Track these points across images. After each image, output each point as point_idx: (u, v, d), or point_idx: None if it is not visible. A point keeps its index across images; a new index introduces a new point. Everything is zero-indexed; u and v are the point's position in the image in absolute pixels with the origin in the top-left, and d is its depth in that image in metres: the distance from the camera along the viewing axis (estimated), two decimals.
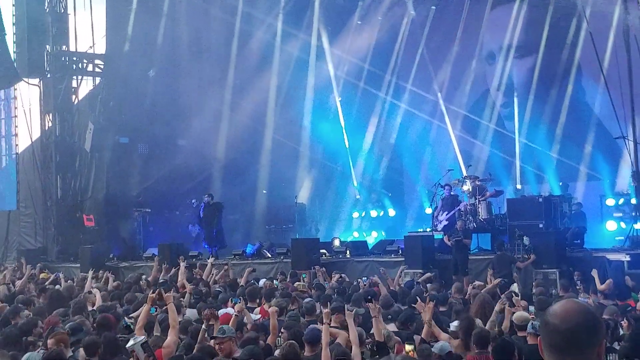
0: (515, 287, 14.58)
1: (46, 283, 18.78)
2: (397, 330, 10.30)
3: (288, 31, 29.44)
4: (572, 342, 3.22)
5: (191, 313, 12.39)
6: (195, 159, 28.29)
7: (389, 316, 10.98)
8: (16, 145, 29.58)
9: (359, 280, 17.49)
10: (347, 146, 30.27)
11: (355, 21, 29.70)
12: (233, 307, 11.98)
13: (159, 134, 28.54)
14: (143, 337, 7.28)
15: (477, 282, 15.92)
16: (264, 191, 29.23)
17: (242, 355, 8.26)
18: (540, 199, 21.68)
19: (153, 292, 10.86)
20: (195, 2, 28.97)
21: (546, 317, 3.32)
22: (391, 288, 15.98)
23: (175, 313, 9.95)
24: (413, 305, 11.08)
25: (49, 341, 8.93)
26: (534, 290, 14.39)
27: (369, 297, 10.72)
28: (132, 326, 9.53)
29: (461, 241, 19.64)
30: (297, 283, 16.62)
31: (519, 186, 26.62)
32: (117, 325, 10.79)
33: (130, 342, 7.05)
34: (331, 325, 10.33)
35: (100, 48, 28.96)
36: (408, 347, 7.11)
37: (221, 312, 11.65)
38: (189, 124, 28.43)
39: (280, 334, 10.04)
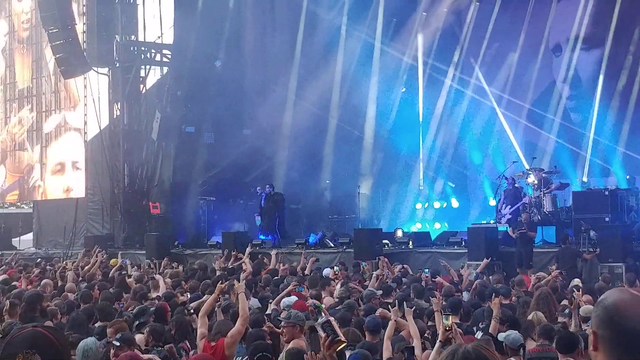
0: (577, 281, 14.47)
1: (112, 270, 19.18)
2: (459, 322, 10.34)
3: (354, 20, 29.46)
4: None
5: (254, 302, 12.49)
6: (259, 148, 28.52)
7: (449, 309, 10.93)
8: (85, 133, 30.11)
9: (421, 271, 17.50)
10: (412, 137, 30.17)
11: (421, 12, 29.59)
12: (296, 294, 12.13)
13: (225, 123, 28.84)
14: (326, 317, 7.34)
15: (540, 273, 15.84)
16: (327, 181, 29.33)
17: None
18: (607, 192, 21.41)
19: (222, 282, 11.00)
20: None
21: (610, 317, 3.06)
22: (455, 279, 16.02)
23: (246, 303, 10.02)
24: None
25: (108, 330, 9.12)
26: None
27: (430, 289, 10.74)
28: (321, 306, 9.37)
29: (526, 234, 19.53)
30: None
31: (585, 179, 26.30)
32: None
33: (318, 320, 7.18)
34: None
35: (168, 38, 29.35)
36: (446, 322, 6.99)
37: (292, 298, 11.81)
38: (254, 114, 28.69)
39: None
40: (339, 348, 6.26)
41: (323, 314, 7.97)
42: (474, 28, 29.16)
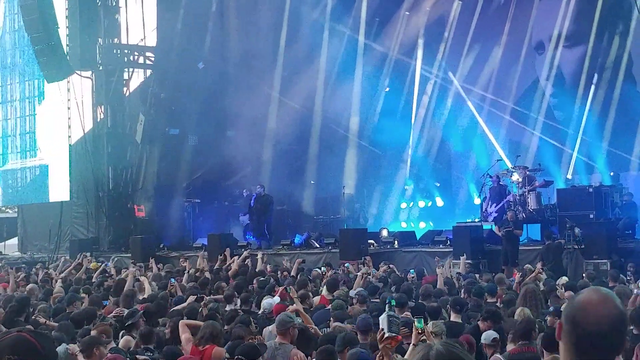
0: (565, 279, 14.52)
1: (95, 273, 19.16)
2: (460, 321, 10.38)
3: (337, 20, 29.50)
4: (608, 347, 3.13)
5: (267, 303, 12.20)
6: (243, 149, 28.49)
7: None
8: (69, 137, 30.01)
9: (406, 271, 17.51)
10: (396, 136, 30.18)
11: (404, 11, 29.65)
12: (283, 295, 12.12)
13: (209, 125, 28.84)
14: (391, 311, 7.27)
15: (527, 265, 15.92)
16: (312, 182, 29.35)
17: None
18: (591, 189, 21.51)
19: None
20: None
21: (574, 314, 3.17)
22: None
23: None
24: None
25: (92, 332, 9.10)
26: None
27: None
28: None
29: (512, 232, 19.60)
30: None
31: (569, 176, 26.39)
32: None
33: (382, 315, 7.14)
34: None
35: (151, 41, 29.31)
36: (419, 325, 6.97)
37: (275, 300, 11.83)
38: (238, 115, 28.63)
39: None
40: (394, 345, 6.26)
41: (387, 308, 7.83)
42: (456, 27, 29.22)
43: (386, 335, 6.02)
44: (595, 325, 3.10)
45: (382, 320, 6.17)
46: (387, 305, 7.92)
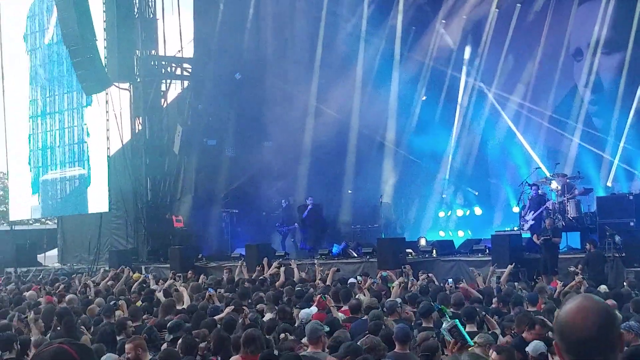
0: (604, 287, 14.36)
1: (135, 284, 19.24)
2: (475, 330, 10.27)
3: (373, 28, 29.51)
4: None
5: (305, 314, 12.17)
6: (281, 160, 28.59)
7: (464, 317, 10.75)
8: (108, 148, 30.26)
9: (445, 281, 17.41)
10: (433, 145, 30.04)
11: (440, 20, 29.57)
12: (321, 304, 12.12)
13: (246, 136, 28.98)
14: (451, 322, 7.27)
15: (572, 268, 15.76)
16: (349, 191, 29.30)
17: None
18: (631, 197, 21.28)
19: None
20: (281, 2, 29.30)
21: (559, 328, 3.30)
22: (480, 287, 15.94)
23: None
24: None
25: (127, 346, 9.12)
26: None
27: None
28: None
29: (550, 240, 19.41)
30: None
31: (609, 183, 26.11)
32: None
33: (443, 325, 7.13)
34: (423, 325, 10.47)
35: (188, 52, 29.52)
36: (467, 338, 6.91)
37: (312, 310, 11.82)
38: (275, 125, 28.73)
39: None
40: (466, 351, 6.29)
41: (448, 319, 7.82)
42: (493, 34, 29.07)
43: (465, 344, 6.06)
44: (576, 335, 3.25)
45: (446, 332, 6.20)
46: (442, 315, 7.93)
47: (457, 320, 7.38)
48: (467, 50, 29.80)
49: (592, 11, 26.92)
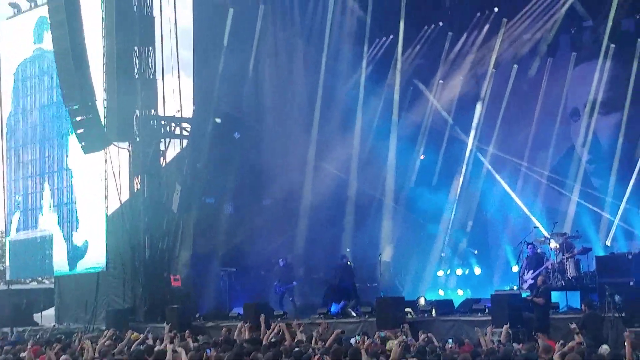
0: (605, 348, 14.25)
1: (134, 344, 19.08)
2: None
3: (371, 86, 29.82)
4: None
5: None
6: (279, 218, 28.66)
7: None
8: (106, 207, 30.23)
9: (444, 341, 17.27)
10: (432, 203, 30.05)
11: (438, 80, 29.83)
12: None
13: (245, 194, 29.11)
14: None
15: (573, 326, 15.67)
16: (348, 249, 29.25)
17: None
18: (630, 256, 21.22)
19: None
20: (280, 63, 29.58)
21: None
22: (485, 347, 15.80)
23: None
24: None
25: None
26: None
27: None
28: None
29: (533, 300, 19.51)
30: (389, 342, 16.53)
31: (608, 243, 26.08)
32: None
33: None
34: None
35: (187, 112, 29.68)
36: None
37: None
38: (274, 184, 28.83)
39: None
40: None
41: None
42: (491, 94, 29.27)
43: None
44: None
45: None
46: None
47: None
48: (465, 110, 29.95)
49: (588, 71, 27.15)
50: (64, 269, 32.53)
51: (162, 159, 29.68)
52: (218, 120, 29.12)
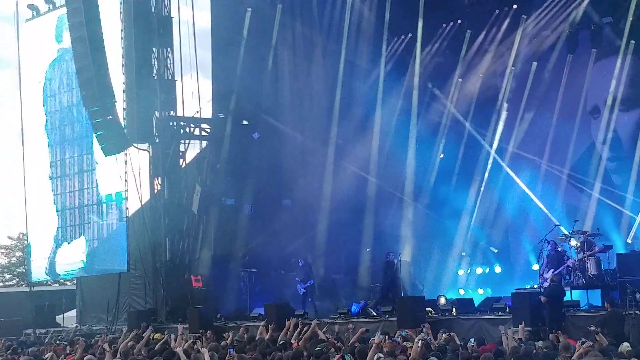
0: (626, 346, 14.15)
1: (157, 344, 19.14)
2: None
3: (390, 83, 29.79)
4: None
5: None
6: (299, 218, 28.68)
7: None
8: (126, 208, 30.35)
9: (465, 340, 17.21)
10: (452, 203, 29.99)
11: (457, 78, 29.77)
12: None
13: (264, 194, 29.12)
14: None
15: (593, 327, 15.59)
16: (368, 249, 29.24)
17: None
18: None
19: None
20: (298, 63, 29.60)
21: None
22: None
23: None
24: None
25: None
26: None
27: None
28: None
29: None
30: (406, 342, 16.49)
31: (629, 240, 25.94)
32: None
33: None
34: None
35: (207, 112, 29.75)
36: None
37: None
38: (293, 184, 28.89)
39: None
40: None
41: None
42: (510, 92, 29.19)
43: None
44: None
45: None
46: None
47: None
48: (484, 108, 29.87)
49: (608, 68, 27.03)
50: (84, 270, 32.66)
51: (181, 160, 29.75)
52: (245, 122, 29.16)
